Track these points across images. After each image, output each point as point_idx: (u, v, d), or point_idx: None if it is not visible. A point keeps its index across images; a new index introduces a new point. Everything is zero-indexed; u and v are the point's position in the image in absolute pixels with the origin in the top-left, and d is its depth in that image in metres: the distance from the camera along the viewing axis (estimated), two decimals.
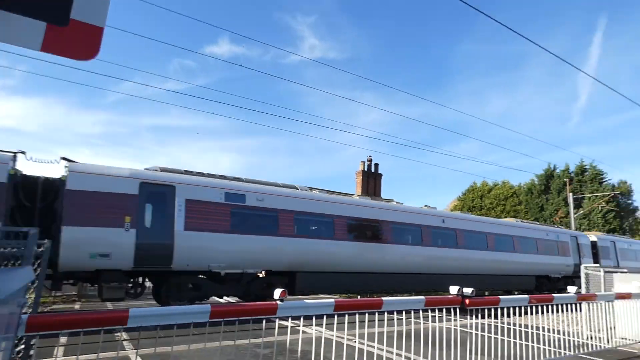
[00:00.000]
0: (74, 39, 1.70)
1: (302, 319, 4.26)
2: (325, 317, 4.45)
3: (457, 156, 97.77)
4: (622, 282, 8.56)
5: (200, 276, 11.57)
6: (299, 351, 4.25)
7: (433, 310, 5.21)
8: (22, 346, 3.51)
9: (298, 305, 4.15)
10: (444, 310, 5.27)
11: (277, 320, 4.08)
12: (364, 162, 25.50)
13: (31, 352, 3.60)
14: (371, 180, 25.33)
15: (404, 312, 4.84)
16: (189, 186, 11.33)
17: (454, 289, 4.94)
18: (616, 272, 9.13)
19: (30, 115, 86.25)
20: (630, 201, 40.57)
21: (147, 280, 11.78)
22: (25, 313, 2.95)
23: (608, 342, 7.81)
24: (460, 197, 46.79)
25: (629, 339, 7.95)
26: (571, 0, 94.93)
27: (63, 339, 7.01)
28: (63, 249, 9.27)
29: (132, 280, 11.16)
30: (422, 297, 4.83)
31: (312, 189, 14.26)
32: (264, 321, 3.86)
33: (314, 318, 4.32)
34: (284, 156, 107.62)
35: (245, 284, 11.90)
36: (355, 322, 4.78)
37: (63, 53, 1.70)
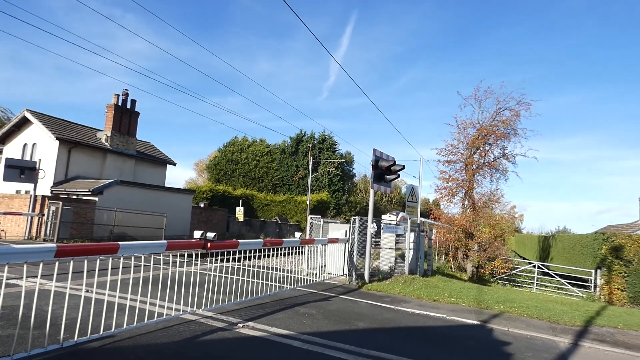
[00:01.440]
0: None
1: (6, 268, 3.48)
2: (42, 265, 3.80)
3: (223, 108, 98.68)
4: (335, 230, 10.86)
5: None
6: (0, 307, 3.47)
7: (175, 255, 5.24)
8: None
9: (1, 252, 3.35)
10: (186, 255, 5.38)
11: None
12: (118, 95, 22.68)
13: None
14: (125, 118, 22.79)
15: (142, 257, 4.66)
16: None
17: (197, 234, 5.06)
18: (331, 222, 11.48)
19: None
20: (351, 168, 51.88)
21: None
22: None
23: (319, 277, 9.83)
24: (221, 148, 48.64)
25: (333, 274, 10.23)
26: None
27: None
28: None
29: None
30: (165, 241, 4.74)
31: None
32: None
33: (25, 266, 3.61)
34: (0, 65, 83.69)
35: None
36: (83, 270, 4.30)
37: None
